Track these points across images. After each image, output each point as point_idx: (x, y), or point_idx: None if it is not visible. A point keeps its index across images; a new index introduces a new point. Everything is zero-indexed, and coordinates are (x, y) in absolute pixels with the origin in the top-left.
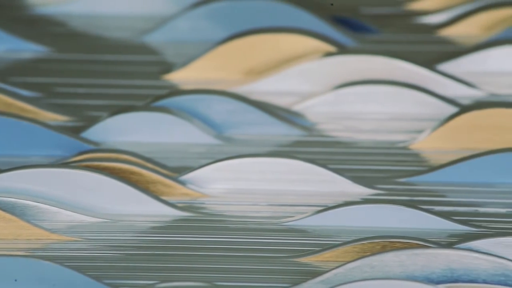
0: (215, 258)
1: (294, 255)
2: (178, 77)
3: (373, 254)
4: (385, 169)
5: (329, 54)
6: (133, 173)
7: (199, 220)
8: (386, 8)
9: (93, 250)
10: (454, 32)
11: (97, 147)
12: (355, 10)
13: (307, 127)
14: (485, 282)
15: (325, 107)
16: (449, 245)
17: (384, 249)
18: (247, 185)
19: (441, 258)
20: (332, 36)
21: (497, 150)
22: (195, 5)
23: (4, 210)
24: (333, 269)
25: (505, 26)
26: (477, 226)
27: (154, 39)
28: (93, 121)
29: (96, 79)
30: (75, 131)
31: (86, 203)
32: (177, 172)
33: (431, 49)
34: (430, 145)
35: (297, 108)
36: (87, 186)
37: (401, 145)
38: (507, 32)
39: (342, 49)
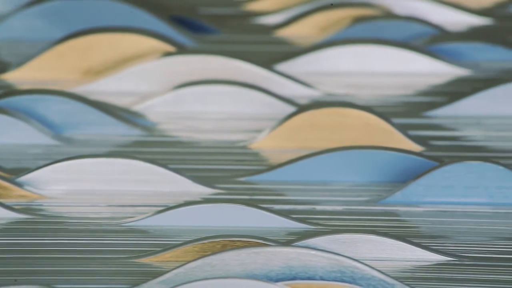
0: (54, 261)
1: (134, 255)
2: (14, 77)
3: (213, 253)
4: (225, 169)
5: (168, 54)
6: None
7: (37, 222)
8: (224, 9)
9: None
10: (291, 32)
11: None
12: (194, 10)
13: (147, 127)
14: (322, 278)
15: (164, 107)
16: (288, 243)
17: (224, 248)
18: (86, 186)
19: (280, 256)
20: (171, 36)
21: (334, 148)
22: (29, 4)
23: None
24: (173, 269)
25: (340, 27)
26: (314, 224)
27: None
28: None
29: None
30: None
31: None
32: (14, 173)
33: (269, 49)
34: (269, 144)
35: (137, 108)
36: None
37: (240, 144)
38: (342, 33)
39: (181, 49)
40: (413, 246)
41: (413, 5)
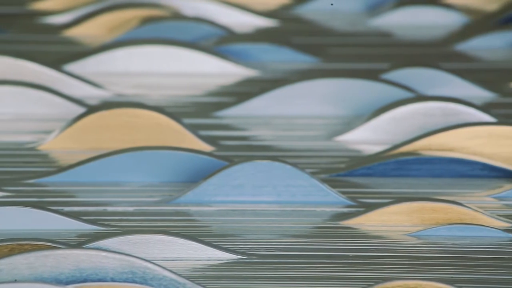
0: None
1: None
2: None
3: (0, 257)
4: (12, 171)
5: None
6: None
7: None
8: (10, 8)
9: None
10: (79, 32)
11: None
12: None
13: None
14: (113, 280)
15: None
16: (79, 245)
17: (12, 252)
18: None
19: (71, 258)
20: None
21: (125, 149)
22: None
23: None
24: None
25: (128, 27)
26: (106, 225)
27: None
28: None
29: None
30: None
31: None
32: None
33: (58, 49)
34: (59, 145)
35: None
36: None
37: (29, 146)
38: (131, 33)
39: None
40: (204, 245)
41: (201, 6)
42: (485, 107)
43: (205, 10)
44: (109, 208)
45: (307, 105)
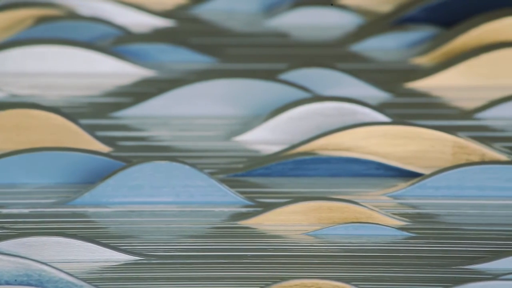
0: None
1: None
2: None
3: None
4: None
5: None
6: None
7: None
8: None
9: None
10: None
11: None
12: None
13: None
14: (7, 283)
15: None
16: None
17: None
18: None
19: None
20: None
21: (20, 150)
22: None
23: None
24: None
25: (23, 27)
26: (0, 227)
27: None
28: None
29: None
30: None
31: None
32: None
33: None
34: None
35: None
36: None
37: None
38: (25, 33)
39: None
40: (101, 247)
41: (97, 6)
42: (380, 107)
43: (101, 10)
44: (4, 210)
45: (205, 105)
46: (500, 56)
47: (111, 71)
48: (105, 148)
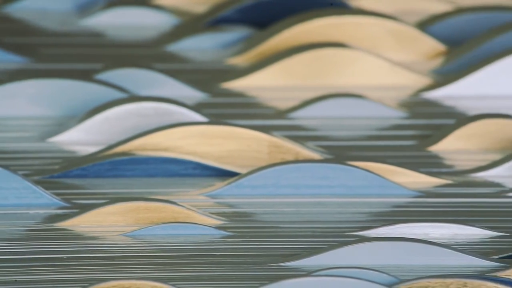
0: None
1: None
2: None
3: None
4: None
5: None
6: None
7: None
8: None
9: None
10: None
11: None
12: None
13: None
14: None
15: None
16: None
17: None
18: None
19: None
20: None
21: None
22: None
23: None
24: None
25: None
26: None
27: None
28: None
29: None
30: None
31: None
32: None
33: None
34: None
35: None
36: None
37: None
38: None
39: None
40: None
41: None
42: (196, 107)
43: None
44: None
45: (18, 106)
46: (312, 57)
47: None
48: None
